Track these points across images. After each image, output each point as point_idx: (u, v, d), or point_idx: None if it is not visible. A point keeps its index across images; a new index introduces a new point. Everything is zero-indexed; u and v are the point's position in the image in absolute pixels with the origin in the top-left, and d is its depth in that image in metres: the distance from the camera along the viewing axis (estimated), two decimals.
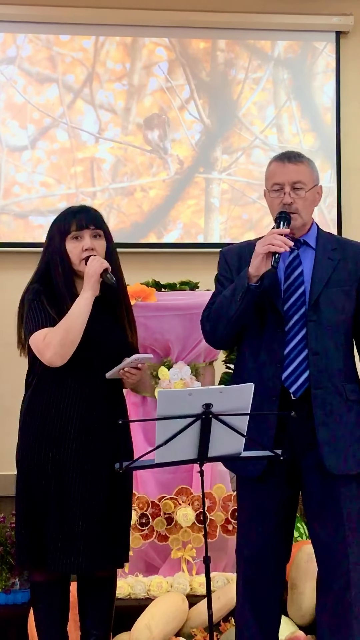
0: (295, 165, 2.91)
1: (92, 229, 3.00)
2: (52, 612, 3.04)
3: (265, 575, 2.91)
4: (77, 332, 2.89)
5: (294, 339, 2.85)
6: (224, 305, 2.83)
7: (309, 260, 2.90)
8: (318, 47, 5.84)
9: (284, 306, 2.86)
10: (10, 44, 5.61)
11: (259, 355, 2.86)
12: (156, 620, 3.32)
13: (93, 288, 2.92)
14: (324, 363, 2.84)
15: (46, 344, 2.90)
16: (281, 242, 2.76)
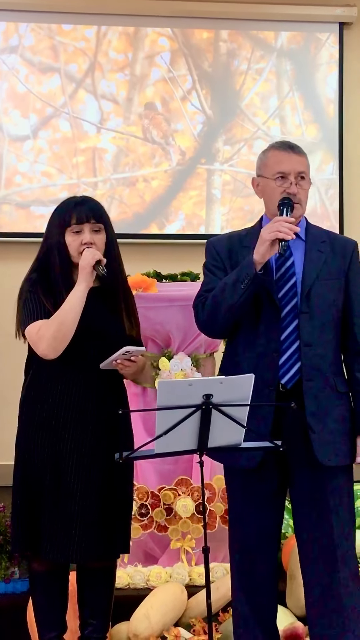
0: (299, 157, 2.92)
1: (92, 222, 2.98)
2: (51, 601, 3.05)
3: (258, 565, 2.92)
4: (70, 325, 2.89)
5: (285, 330, 2.85)
6: (226, 293, 2.82)
7: (299, 252, 2.90)
8: (321, 38, 5.83)
9: (276, 295, 2.87)
10: (12, 33, 5.61)
11: (255, 345, 2.86)
12: (155, 610, 3.33)
13: (86, 280, 2.92)
14: (316, 355, 2.85)
15: (39, 337, 2.90)
16: (288, 229, 2.75)
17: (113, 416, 2.90)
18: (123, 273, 3.13)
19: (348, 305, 2.94)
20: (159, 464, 3.71)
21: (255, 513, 2.90)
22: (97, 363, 2.94)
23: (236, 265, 2.88)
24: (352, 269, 2.95)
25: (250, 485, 2.89)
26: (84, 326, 2.91)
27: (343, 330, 2.94)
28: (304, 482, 2.88)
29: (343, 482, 2.91)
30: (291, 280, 2.88)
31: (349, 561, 2.91)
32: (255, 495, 2.89)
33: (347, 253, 2.96)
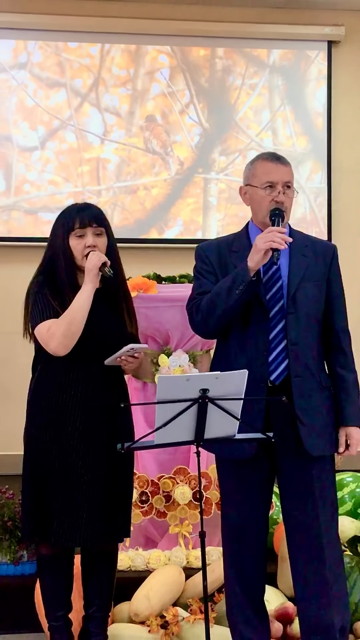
0: (285, 167, 2.92)
1: (94, 226, 2.99)
2: (58, 582, 3.05)
3: (248, 549, 2.93)
4: (79, 323, 2.89)
5: (273, 330, 2.86)
6: (221, 297, 2.82)
7: (284, 257, 2.90)
8: (311, 55, 5.82)
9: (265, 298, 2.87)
10: (21, 50, 5.60)
11: (246, 344, 2.86)
12: (155, 591, 3.33)
13: (93, 281, 2.92)
14: (302, 352, 2.86)
15: (50, 335, 2.90)
16: (281, 239, 2.76)
17: (116, 409, 2.90)
18: (122, 274, 3.13)
19: (330, 305, 2.95)
20: (158, 454, 3.71)
21: (245, 501, 2.91)
22: (101, 360, 2.94)
23: (226, 269, 2.89)
24: (332, 272, 2.97)
25: (240, 474, 2.90)
26: (89, 326, 2.92)
27: (325, 329, 2.95)
28: (292, 471, 2.89)
29: (327, 470, 2.93)
30: (278, 283, 2.88)
31: (333, 545, 2.91)
32: (245, 484, 2.90)
33: (328, 257, 2.98)
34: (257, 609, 2.98)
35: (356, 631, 3.26)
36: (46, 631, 3.14)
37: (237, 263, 2.86)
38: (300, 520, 2.90)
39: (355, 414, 2.94)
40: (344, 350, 2.97)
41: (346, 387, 2.94)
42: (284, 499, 2.95)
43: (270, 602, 3.26)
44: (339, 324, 2.97)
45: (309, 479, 2.88)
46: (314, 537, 2.87)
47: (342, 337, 2.97)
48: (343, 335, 2.98)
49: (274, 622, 3.21)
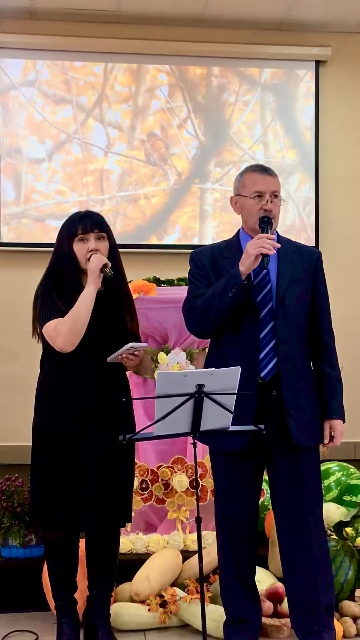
0: (273, 178, 2.93)
1: (96, 232, 2.99)
2: (64, 565, 3.05)
3: (240, 533, 2.94)
4: (83, 322, 2.89)
5: (263, 330, 2.86)
6: (214, 300, 2.83)
7: (273, 262, 2.90)
8: (300, 74, 5.83)
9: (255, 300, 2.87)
10: (30, 69, 5.60)
11: (238, 343, 2.87)
12: (154, 572, 3.33)
13: (95, 282, 2.93)
14: (289, 350, 2.86)
15: (57, 333, 2.90)
16: (270, 245, 2.77)
17: (118, 403, 2.90)
18: (124, 277, 3.13)
19: (315, 306, 2.96)
20: (157, 445, 3.71)
21: (236, 489, 2.92)
22: (104, 357, 2.94)
23: (218, 273, 2.90)
24: (317, 276, 2.98)
25: (232, 464, 2.91)
26: (92, 325, 2.92)
27: (311, 328, 2.96)
28: (281, 461, 2.90)
29: (313, 460, 2.94)
30: (267, 286, 2.89)
31: (318, 530, 2.92)
32: (237, 473, 2.91)
33: (313, 262, 2.99)
34: (249, 589, 2.99)
35: (341, 609, 3.27)
36: (53, 610, 3.15)
37: (228, 267, 2.86)
38: (288, 506, 2.90)
39: (339, 407, 2.95)
40: (328, 349, 2.98)
41: (330, 383, 2.95)
42: (273, 487, 2.95)
43: (262, 582, 3.27)
44: (323, 325, 2.98)
45: (296, 469, 2.88)
46: (301, 522, 2.88)
47: (327, 337, 2.98)
48: (327, 334, 2.99)
49: (265, 601, 3.22)
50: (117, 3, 5.37)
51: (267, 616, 3.20)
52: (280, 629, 3.18)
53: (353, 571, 3.34)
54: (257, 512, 2.99)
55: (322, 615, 2.91)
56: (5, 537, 3.49)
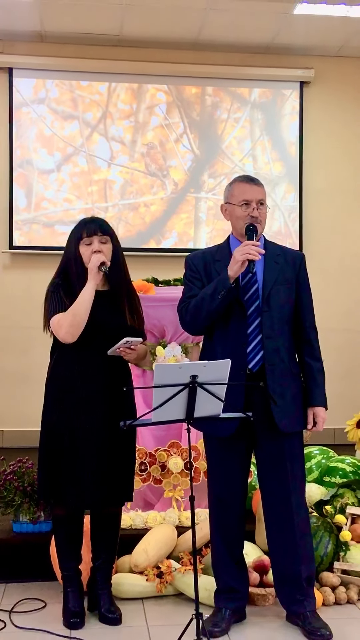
0: (259, 187, 2.92)
1: (99, 235, 2.98)
2: (70, 539, 3.04)
3: (230, 511, 2.94)
4: (83, 315, 2.88)
5: (250, 326, 2.86)
6: (205, 301, 2.83)
7: (259, 263, 2.90)
8: (286, 93, 5.82)
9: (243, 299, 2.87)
10: (41, 87, 5.59)
11: (227, 339, 2.87)
12: (152, 546, 3.33)
13: (94, 278, 2.92)
14: (275, 344, 2.86)
15: (59, 326, 2.90)
16: (255, 251, 2.77)
17: (120, 392, 2.90)
18: (127, 276, 3.11)
19: (299, 304, 2.95)
20: (155, 430, 3.70)
21: (227, 470, 2.91)
22: (106, 349, 2.93)
23: (210, 275, 2.89)
24: (301, 276, 2.97)
25: (223, 448, 2.90)
26: (95, 322, 2.91)
27: (295, 324, 2.96)
28: (267, 445, 2.89)
29: (297, 444, 2.93)
30: (254, 286, 2.88)
31: (301, 508, 2.92)
32: (227, 456, 2.91)
33: (297, 263, 2.98)
34: (238, 561, 3.00)
35: (321, 580, 3.27)
36: (60, 580, 3.14)
37: (220, 270, 2.86)
38: (273, 486, 2.91)
39: (321, 396, 2.95)
40: (311, 343, 2.98)
41: (313, 374, 2.95)
42: (260, 469, 2.95)
43: (249, 555, 3.27)
44: (307, 321, 2.98)
45: (281, 452, 2.88)
46: (284, 501, 2.88)
47: (310, 332, 2.98)
48: (311, 330, 2.98)
49: (252, 572, 3.22)
50: (120, 28, 5.36)
51: (254, 586, 3.20)
52: (266, 598, 3.18)
53: (332, 545, 3.34)
54: (245, 492, 2.99)
55: (304, 585, 2.92)
56: (16, 514, 3.48)
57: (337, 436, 5.11)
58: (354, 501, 3.59)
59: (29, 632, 2.93)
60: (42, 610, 3.13)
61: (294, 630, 2.93)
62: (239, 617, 2.99)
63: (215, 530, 2.99)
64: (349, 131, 5.87)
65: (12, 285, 5.55)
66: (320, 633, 2.85)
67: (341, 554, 3.34)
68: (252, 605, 3.14)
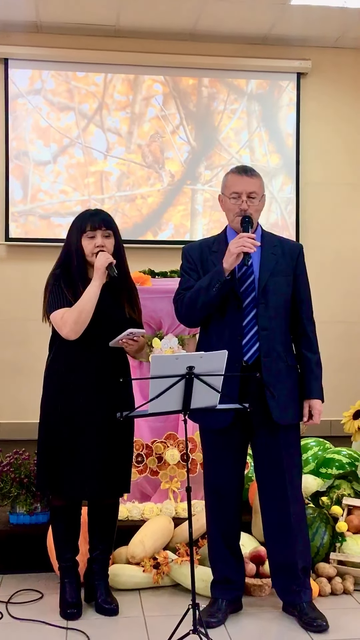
0: (250, 179, 2.88)
1: (103, 229, 2.97)
2: (67, 530, 3.05)
3: (226, 502, 2.94)
4: (88, 313, 2.88)
5: (246, 318, 2.85)
6: (201, 293, 2.82)
7: (256, 255, 2.88)
8: (283, 85, 5.81)
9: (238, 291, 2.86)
10: (37, 78, 5.57)
11: (223, 331, 2.86)
12: (148, 537, 3.33)
13: (100, 278, 2.91)
14: (271, 336, 2.85)
15: (64, 322, 2.89)
16: (251, 244, 2.75)
17: (117, 383, 2.90)
18: (127, 269, 3.11)
19: (296, 296, 2.93)
20: (152, 422, 3.71)
21: (223, 463, 2.91)
22: (106, 342, 2.93)
23: (207, 267, 2.88)
24: (299, 267, 2.96)
25: (219, 440, 2.90)
26: (97, 313, 2.91)
27: (292, 316, 2.94)
28: (263, 438, 2.89)
29: (293, 436, 2.93)
30: (250, 277, 2.87)
31: (297, 499, 2.92)
32: (223, 448, 2.90)
33: (295, 254, 2.96)
34: (234, 552, 3.00)
35: (317, 570, 3.28)
36: (57, 571, 3.15)
37: (216, 262, 2.85)
38: (270, 478, 2.91)
39: (318, 388, 2.94)
40: (308, 335, 2.96)
41: (310, 366, 2.94)
42: (257, 461, 2.95)
43: (246, 546, 3.28)
44: (305, 313, 2.96)
45: (277, 444, 2.88)
46: (281, 492, 2.89)
47: (307, 324, 2.97)
48: (308, 322, 2.97)
49: (248, 562, 3.23)
50: (116, 18, 5.34)
51: (250, 577, 3.22)
52: (262, 588, 3.19)
53: (328, 536, 3.35)
54: (242, 483, 2.99)
55: (300, 576, 2.93)
56: (13, 505, 3.48)
57: (334, 428, 5.12)
58: (350, 492, 3.60)
59: (26, 623, 2.94)
60: (39, 601, 3.13)
61: (290, 621, 2.94)
62: (235, 607, 3.00)
63: (211, 522, 2.99)
64: (346, 122, 5.86)
65: (8, 277, 5.54)
66: (316, 624, 2.86)
67: (337, 545, 3.36)
68: (249, 595, 3.15)
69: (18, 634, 2.87)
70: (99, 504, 3.05)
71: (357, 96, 5.87)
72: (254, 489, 3.60)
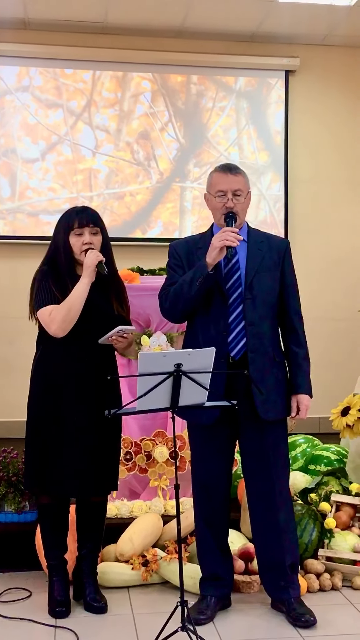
0: (235, 176, 2.88)
1: (91, 226, 2.97)
2: (55, 528, 3.05)
3: (213, 498, 2.94)
4: (77, 311, 2.88)
5: (233, 313, 2.85)
6: (184, 288, 2.82)
7: (242, 251, 2.89)
8: (271, 82, 5.81)
9: (224, 287, 2.87)
10: (24, 75, 5.54)
11: (209, 327, 2.86)
12: (137, 534, 3.34)
13: (90, 276, 2.91)
14: (258, 332, 2.85)
15: (52, 319, 2.88)
16: (234, 237, 2.76)
17: (105, 381, 2.89)
18: (114, 266, 3.11)
19: (284, 291, 2.94)
20: (140, 420, 3.71)
21: (211, 459, 2.92)
22: (94, 339, 2.92)
23: (193, 263, 2.88)
24: (286, 263, 2.96)
25: (207, 437, 2.90)
26: (85, 310, 2.90)
27: (280, 312, 2.95)
28: (250, 434, 2.90)
29: (280, 432, 2.93)
30: (236, 273, 2.87)
31: (284, 496, 2.93)
32: (211, 445, 2.91)
33: (282, 250, 2.96)
34: (223, 549, 3.01)
35: (306, 567, 3.29)
36: (45, 569, 3.15)
37: (202, 257, 2.85)
38: (257, 475, 2.91)
39: (305, 383, 2.94)
40: (296, 330, 2.97)
41: (298, 361, 2.95)
42: (244, 457, 2.96)
43: (234, 543, 3.28)
44: (292, 308, 2.97)
45: (264, 441, 2.89)
46: (269, 489, 2.89)
47: (295, 319, 2.97)
48: (296, 317, 2.97)
49: (237, 559, 3.24)
50: (104, 15, 5.32)
51: (239, 573, 3.22)
52: (251, 585, 3.20)
53: (316, 533, 3.36)
54: (230, 480, 3.00)
55: (288, 573, 2.94)
56: (1, 504, 3.48)
57: (322, 425, 5.14)
58: (339, 489, 3.62)
59: (15, 622, 2.93)
60: (27, 600, 3.13)
61: (278, 617, 2.95)
62: (224, 604, 3.01)
63: (200, 518, 3.00)
64: (334, 120, 5.87)
65: None
66: (304, 619, 2.87)
67: (326, 541, 3.37)
68: (237, 592, 3.16)
69: (6, 632, 2.86)
70: (87, 502, 3.05)
71: (345, 94, 5.89)
72: (243, 486, 3.60)
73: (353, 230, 5.86)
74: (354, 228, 5.86)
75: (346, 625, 2.91)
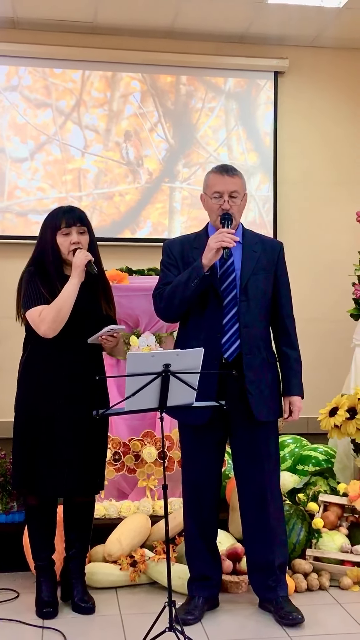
0: (231, 178, 2.88)
1: (78, 226, 2.96)
2: (43, 528, 3.04)
3: (204, 499, 2.95)
4: (66, 311, 2.87)
5: (227, 315, 2.85)
6: (179, 288, 2.82)
7: (237, 252, 2.90)
8: (260, 83, 5.82)
9: (219, 288, 2.87)
10: (13, 74, 5.52)
11: (202, 328, 2.86)
12: (125, 535, 3.33)
13: (79, 276, 2.90)
14: (252, 334, 2.86)
15: (41, 320, 2.87)
16: (230, 239, 2.76)
17: (93, 381, 2.89)
18: (101, 266, 3.10)
19: (277, 293, 2.95)
20: (129, 420, 3.70)
21: (201, 459, 2.92)
22: (83, 338, 2.92)
23: (187, 263, 2.88)
24: (279, 265, 2.97)
25: (198, 437, 2.91)
26: (73, 310, 2.90)
27: (273, 314, 2.96)
28: (242, 434, 2.90)
29: (272, 433, 2.94)
30: (231, 275, 2.88)
31: (275, 496, 2.94)
32: (202, 445, 2.91)
33: (275, 252, 2.97)
34: (211, 549, 3.01)
35: (294, 567, 3.30)
36: (33, 570, 3.14)
37: (197, 258, 2.85)
38: (249, 475, 2.92)
39: (298, 385, 2.95)
40: (288, 332, 2.98)
41: (290, 363, 2.96)
42: (235, 457, 2.96)
43: (222, 543, 3.28)
44: (285, 310, 2.97)
45: (256, 441, 2.89)
46: (259, 489, 2.90)
47: (288, 321, 2.98)
48: (288, 319, 2.98)
49: (225, 560, 3.24)
50: (94, 15, 5.31)
51: (227, 573, 3.22)
52: (239, 585, 3.20)
53: (304, 533, 3.37)
54: (219, 480, 3.00)
55: (276, 572, 2.94)
56: None
57: (311, 425, 5.14)
58: (326, 489, 3.63)
59: (2, 623, 2.92)
60: (14, 601, 3.12)
61: (266, 617, 2.95)
62: (212, 604, 3.01)
63: (188, 519, 3.00)
64: (323, 121, 5.89)
65: None
66: (292, 617, 2.87)
67: (313, 541, 3.38)
68: (225, 592, 3.16)
69: None
70: (75, 502, 3.04)
71: (334, 95, 5.91)
72: (232, 487, 3.61)
73: (342, 231, 5.87)
74: (343, 229, 5.87)
75: (334, 624, 2.92)
